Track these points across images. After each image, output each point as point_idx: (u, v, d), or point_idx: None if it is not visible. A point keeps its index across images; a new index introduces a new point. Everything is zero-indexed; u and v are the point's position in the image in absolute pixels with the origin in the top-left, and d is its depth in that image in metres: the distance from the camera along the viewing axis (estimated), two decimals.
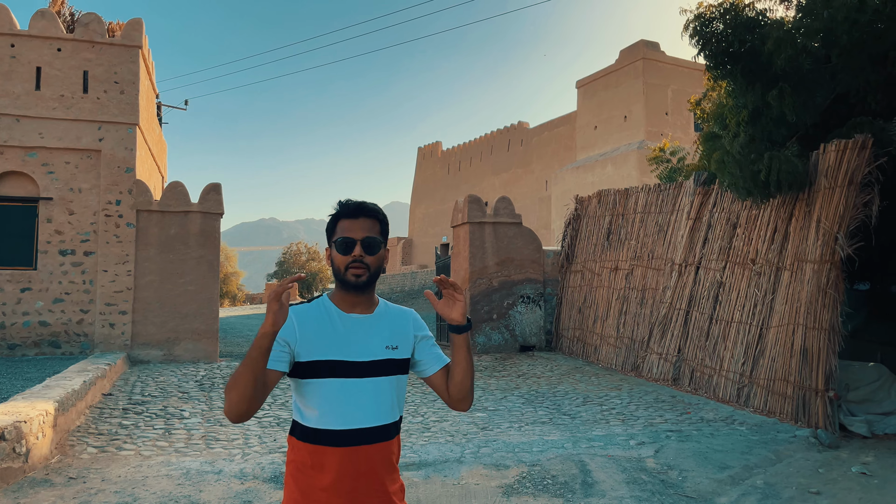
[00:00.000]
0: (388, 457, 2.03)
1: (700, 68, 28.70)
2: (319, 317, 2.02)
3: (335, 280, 2.07)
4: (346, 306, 2.06)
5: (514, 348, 13.22)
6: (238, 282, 53.06)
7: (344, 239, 2.01)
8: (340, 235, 2.02)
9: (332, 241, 2.06)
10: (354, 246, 2.00)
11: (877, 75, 6.95)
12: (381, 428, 2.00)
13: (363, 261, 2.00)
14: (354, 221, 2.03)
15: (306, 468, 1.96)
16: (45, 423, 5.73)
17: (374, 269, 2.03)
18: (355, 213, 2.05)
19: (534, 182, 38.03)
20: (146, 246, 11.81)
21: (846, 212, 7.08)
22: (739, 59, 7.16)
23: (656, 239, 10.88)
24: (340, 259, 2.01)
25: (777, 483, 5.43)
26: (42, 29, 11.65)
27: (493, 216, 13.48)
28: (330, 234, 2.09)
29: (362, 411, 1.97)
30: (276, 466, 5.69)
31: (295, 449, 2.01)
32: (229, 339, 16.36)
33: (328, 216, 2.11)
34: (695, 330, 9.37)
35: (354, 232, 2.02)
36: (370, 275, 2.02)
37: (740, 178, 7.26)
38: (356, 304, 2.06)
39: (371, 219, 2.06)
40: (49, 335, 11.40)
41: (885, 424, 7.15)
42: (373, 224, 2.05)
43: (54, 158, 11.65)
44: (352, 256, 2.00)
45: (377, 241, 2.03)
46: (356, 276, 2.00)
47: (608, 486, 5.28)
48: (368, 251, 2.01)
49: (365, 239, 2.01)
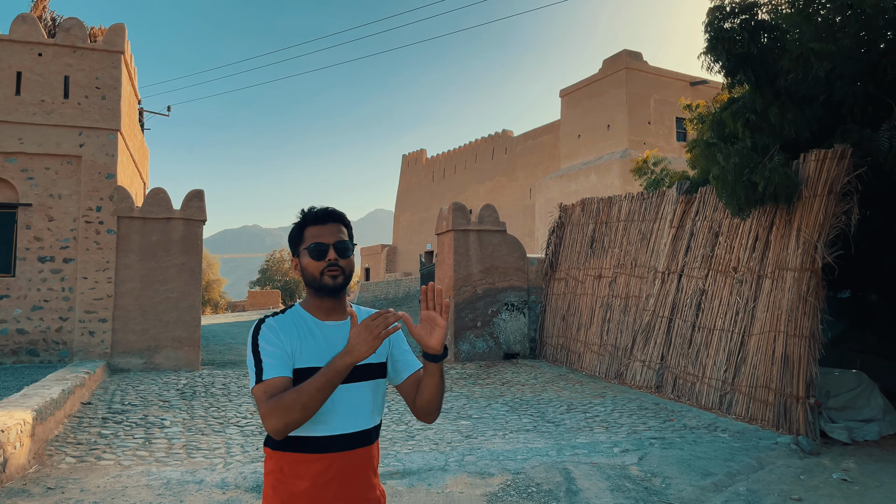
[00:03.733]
0: (368, 462, 2.02)
1: (683, 78, 29.00)
2: (298, 326, 2.01)
3: (308, 288, 2.06)
4: (321, 314, 2.05)
5: (499, 356, 13.22)
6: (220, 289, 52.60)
7: (317, 245, 2.01)
8: (312, 242, 2.02)
9: (304, 249, 2.05)
10: (328, 250, 2.01)
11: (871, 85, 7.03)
12: (362, 433, 1.99)
13: (338, 264, 2.01)
14: (324, 227, 2.04)
15: (287, 477, 1.94)
16: (23, 433, 5.63)
17: (347, 272, 2.04)
18: (323, 218, 2.06)
19: (518, 190, 38.15)
20: (127, 253, 11.69)
21: (826, 220, 7.16)
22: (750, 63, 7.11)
23: (639, 247, 10.94)
24: (314, 265, 2.01)
25: (759, 490, 5.46)
26: (23, 34, 11.54)
27: (478, 224, 13.50)
28: (297, 242, 2.08)
29: (342, 417, 1.95)
30: (258, 476, 5.63)
31: (274, 458, 1.98)
32: (211, 347, 16.21)
33: (292, 224, 2.11)
34: (677, 337, 9.42)
35: (325, 237, 2.02)
36: (345, 277, 2.04)
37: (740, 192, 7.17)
38: (331, 310, 2.05)
39: (339, 223, 2.07)
40: (27, 343, 11.23)
41: (865, 431, 7.23)
42: (340, 228, 2.07)
43: (34, 164, 11.51)
44: (326, 261, 2.00)
45: (349, 245, 2.05)
46: (333, 279, 2.00)
47: (592, 493, 5.28)
48: (342, 255, 2.02)
49: (337, 243, 2.02)
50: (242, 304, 49.04)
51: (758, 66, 7.10)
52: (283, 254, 56.69)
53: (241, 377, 10.75)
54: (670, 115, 28.32)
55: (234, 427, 7.57)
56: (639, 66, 28.38)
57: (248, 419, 7.94)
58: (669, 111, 28.30)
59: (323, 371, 1.82)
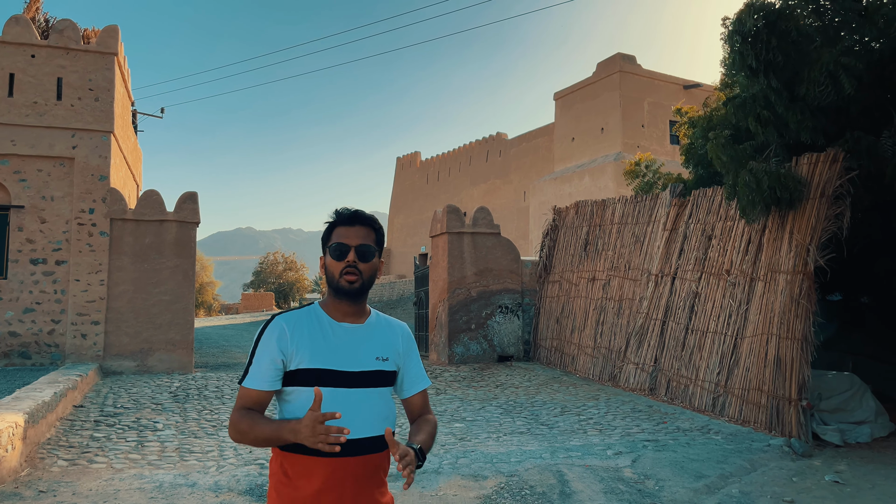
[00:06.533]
0: (376, 469, 2.00)
1: (677, 82, 29.12)
2: (311, 324, 2.00)
3: (328, 287, 2.06)
4: (338, 315, 2.05)
5: (493, 358, 13.22)
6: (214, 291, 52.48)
7: (339, 245, 2.02)
8: (335, 241, 2.03)
9: (327, 248, 2.06)
10: (349, 252, 2.01)
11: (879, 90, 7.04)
12: (370, 440, 1.97)
13: (357, 267, 2.01)
14: (350, 228, 2.05)
15: (291, 479, 1.93)
16: (15, 436, 5.60)
17: (367, 277, 2.03)
18: (351, 220, 2.07)
19: (512, 193, 38.19)
20: (120, 255, 11.65)
21: (818, 224, 7.20)
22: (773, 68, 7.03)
23: (633, 250, 10.97)
24: (334, 265, 2.02)
25: (752, 492, 5.48)
26: (16, 35, 11.49)
27: (472, 226, 13.51)
28: (325, 241, 2.09)
29: (350, 422, 1.91)
30: (251, 479, 5.62)
31: (279, 459, 1.97)
32: (204, 350, 16.17)
33: (325, 223, 2.12)
34: (671, 340, 9.45)
35: (349, 238, 2.03)
36: (363, 282, 2.02)
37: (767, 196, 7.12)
38: (348, 312, 2.05)
39: (366, 227, 2.07)
40: (19, 346, 11.17)
41: (857, 433, 7.26)
42: (368, 232, 2.06)
43: (26, 166, 11.46)
44: (345, 262, 2.00)
45: (371, 249, 2.04)
46: (350, 283, 2.00)
47: (586, 496, 5.29)
48: (362, 258, 2.02)
49: (359, 246, 2.02)
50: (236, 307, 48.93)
51: (780, 71, 7.05)
52: (276, 256, 56.57)
53: (235, 380, 10.72)
54: (664, 118, 28.43)
55: (227, 430, 7.54)
56: (632, 70, 28.48)
57: None
58: (663, 114, 28.40)
59: (273, 426, 1.89)
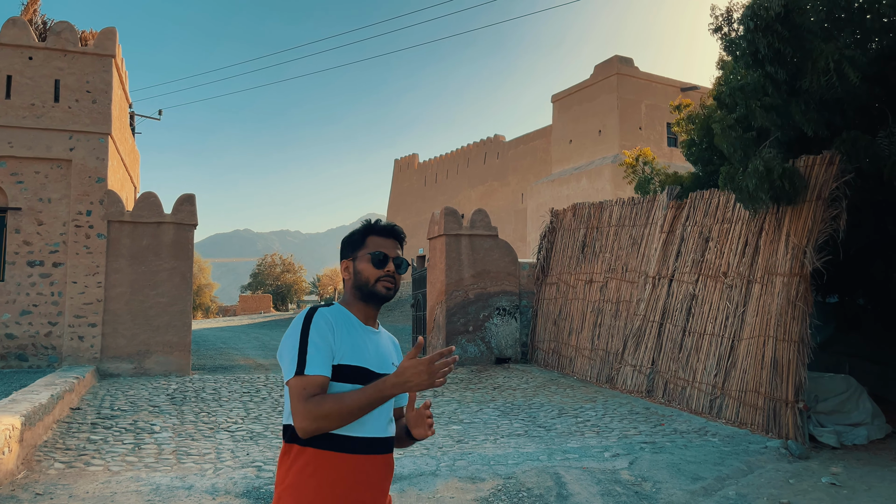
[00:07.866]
0: (388, 469, 2.07)
1: (674, 84, 29.15)
2: (347, 322, 2.05)
3: (358, 291, 2.11)
4: (361, 318, 2.11)
5: (490, 360, 13.22)
6: (211, 293, 52.36)
7: (381, 253, 2.11)
8: (376, 249, 2.11)
9: (365, 254, 2.12)
10: (388, 262, 2.11)
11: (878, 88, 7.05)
12: (387, 440, 2.05)
13: (394, 277, 2.12)
14: (387, 240, 2.15)
15: (319, 471, 1.91)
16: (12, 438, 5.59)
17: (398, 287, 2.15)
18: (390, 232, 2.17)
19: (510, 195, 38.22)
20: (117, 257, 11.63)
21: (814, 226, 7.22)
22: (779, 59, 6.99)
23: (630, 252, 10.98)
24: (373, 272, 2.09)
25: (749, 494, 5.49)
26: (13, 37, 11.48)
27: (470, 228, 13.52)
28: (356, 246, 2.15)
29: (374, 422, 1.99)
30: (248, 481, 5.62)
31: (304, 455, 1.94)
32: (202, 352, 16.14)
33: (362, 223, 2.20)
34: (668, 342, 9.46)
35: (389, 249, 2.13)
36: (395, 291, 2.14)
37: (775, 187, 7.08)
38: (370, 317, 2.14)
39: (400, 242, 2.19)
40: (16, 348, 11.15)
41: (853, 435, 7.28)
42: (400, 247, 2.19)
43: (24, 168, 11.45)
44: (385, 271, 2.10)
45: (406, 263, 2.17)
46: (387, 289, 2.10)
47: (583, 498, 5.29)
48: (398, 269, 2.13)
49: (397, 258, 2.13)
50: (234, 309, 48.84)
51: (785, 63, 7.02)
52: (274, 258, 56.52)
53: (232, 382, 10.70)
54: (661, 120, 28.46)
55: (225, 432, 7.54)
56: (630, 72, 28.52)
57: (238, 424, 7.91)
58: (660, 116, 28.43)
59: (368, 391, 1.89)
